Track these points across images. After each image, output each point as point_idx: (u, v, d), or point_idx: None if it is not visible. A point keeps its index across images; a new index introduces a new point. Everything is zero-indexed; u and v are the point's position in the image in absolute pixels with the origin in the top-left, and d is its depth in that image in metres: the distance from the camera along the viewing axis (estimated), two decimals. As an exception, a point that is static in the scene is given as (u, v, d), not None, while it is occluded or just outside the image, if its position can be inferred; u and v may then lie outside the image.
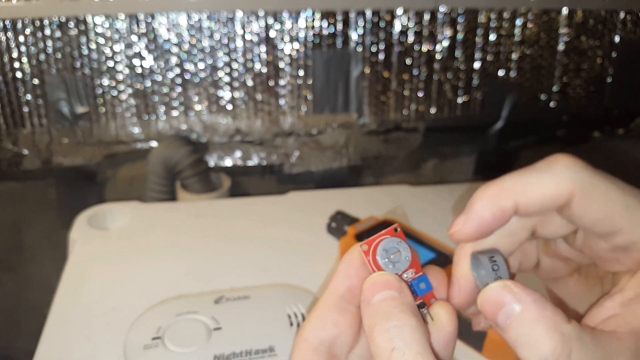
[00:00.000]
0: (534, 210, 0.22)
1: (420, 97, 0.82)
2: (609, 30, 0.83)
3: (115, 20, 0.71)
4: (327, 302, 0.24)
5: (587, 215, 0.21)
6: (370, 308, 0.21)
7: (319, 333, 0.23)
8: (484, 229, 0.22)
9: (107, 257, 0.56)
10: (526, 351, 0.20)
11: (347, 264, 0.24)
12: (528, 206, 0.21)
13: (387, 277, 0.22)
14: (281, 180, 0.85)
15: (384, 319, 0.21)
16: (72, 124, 0.75)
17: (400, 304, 0.21)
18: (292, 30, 0.75)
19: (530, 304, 0.20)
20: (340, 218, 0.58)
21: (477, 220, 0.22)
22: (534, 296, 0.20)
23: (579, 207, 0.21)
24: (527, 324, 0.20)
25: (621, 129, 0.91)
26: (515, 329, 0.20)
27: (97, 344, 0.44)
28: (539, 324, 0.19)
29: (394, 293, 0.21)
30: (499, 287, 0.20)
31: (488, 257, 0.22)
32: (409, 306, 0.21)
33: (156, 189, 0.77)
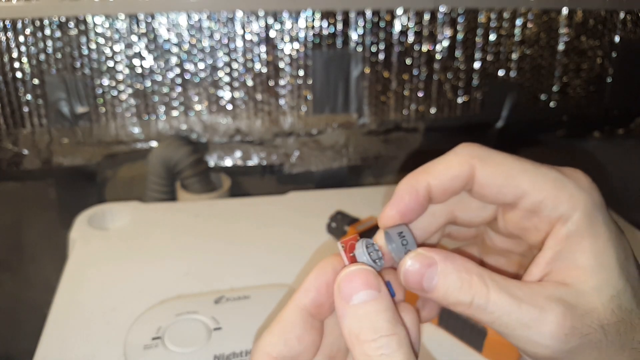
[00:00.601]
0: (444, 187, 0.24)
1: (420, 97, 0.82)
2: (609, 30, 0.83)
3: (115, 20, 0.71)
4: (292, 315, 0.24)
5: (490, 181, 0.23)
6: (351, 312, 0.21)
7: (282, 349, 0.23)
8: (406, 211, 0.24)
9: (107, 257, 0.56)
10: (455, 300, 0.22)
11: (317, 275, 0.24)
12: (439, 183, 0.24)
13: (365, 272, 0.22)
14: (281, 180, 0.85)
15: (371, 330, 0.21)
16: (72, 124, 0.75)
17: (384, 309, 0.21)
18: (292, 30, 0.75)
19: (443, 261, 0.22)
20: (340, 218, 0.58)
21: (398, 203, 0.24)
22: (443, 253, 0.22)
23: (481, 175, 0.23)
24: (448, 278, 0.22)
25: (621, 129, 0.91)
26: (440, 287, 0.22)
27: (97, 344, 0.44)
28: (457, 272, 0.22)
29: (374, 293, 0.22)
30: (413, 258, 0.22)
31: (397, 232, 0.24)
32: (391, 312, 0.22)
33: (156, 189, 0.77)
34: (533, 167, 0.23)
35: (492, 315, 0.22)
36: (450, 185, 0.24)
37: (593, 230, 0.22)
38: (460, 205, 0.26)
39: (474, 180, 0.24)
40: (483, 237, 0.29)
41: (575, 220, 0.22)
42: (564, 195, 0.23)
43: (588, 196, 0.23)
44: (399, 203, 0.24)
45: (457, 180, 0.24)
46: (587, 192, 0.23)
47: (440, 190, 0.24)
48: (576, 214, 0.22)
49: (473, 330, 0.43)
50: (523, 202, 0.23)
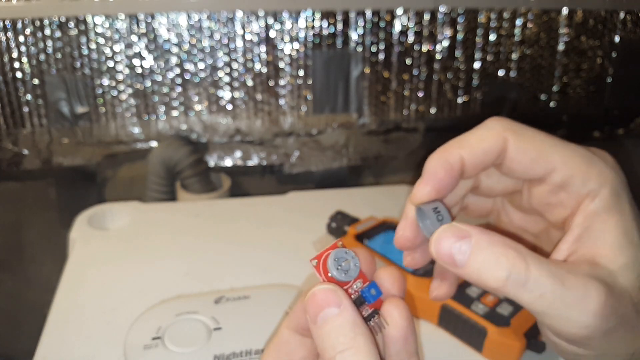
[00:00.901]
0: (477, 160, 0.24)
1: (420, 97, 0.82)
2: (609, 30, 0.83)
3: (115, 20, 0.71)
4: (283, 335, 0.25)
5: (522, 155, 0.23)
6: (317, 331, 0.22)
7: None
8: (440, 186, 0.24)
9: (107, 257, 0.56)
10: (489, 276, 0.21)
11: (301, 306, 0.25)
12: (472, 156, 0.24)
13: (325, 291, 0.22)
14: (281, 180, 0.85)
15: (330, 347, 0.21)
16: (72, 124, 0.75)
17: (342, 324, 0.22)
18: (292, 30, 0.75)
19: (479, 234, 0.21)
20: (340, 218, 0.58)
21: (433, 179, 0.23)
22: (479, 228, 0.21)
23: (513, 149, 0.23)
24: (483, 252, 0.21)
25: (621, 129, 0.91)
26: (474, 261, 0.21)
27: (97, 344, 0.44)
28: (493, 247, 0.21)
29: (333, 310, 0.22)
30: (446, 229, 0.21)
31: (432, 208, 0.24)
32: (350, 325, 0.22)
33: (156, 189, 0.77)
34: (563, 144, 0.23)
35: (532, 293, 0.20)
36: (484, 159, 0.24)
37: (620, 208, 0.22)
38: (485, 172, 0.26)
39: (506, 154, 0.23)
40: (499, 213, 0.28)
41: (603, 196, 0.22)
42: (593, 172, 0.23)
43: (615, 174, 0.23)
44: (434, 178, 0.24)
45: (490, 154, 0.24)
46: (614, 170, 0.23)
47: (473, 164, 0.24)
48: (604, 191, 0.22)
49: (473, 330, 0.43)
50: (553, 177, 0.23)
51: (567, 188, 0.23)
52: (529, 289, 0.20)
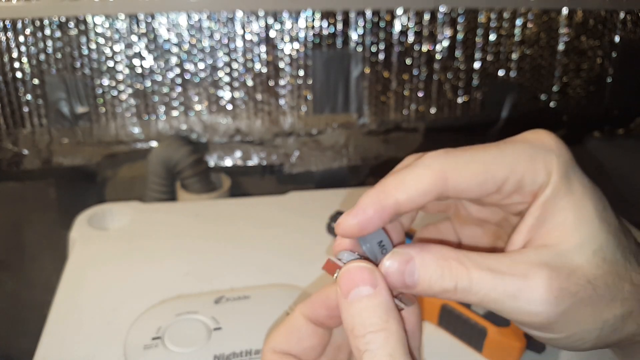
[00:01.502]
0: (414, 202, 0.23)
1: (420, 97, 0.82)
2: (609, 30, 0.83)
3: (115, 20, 0.71)
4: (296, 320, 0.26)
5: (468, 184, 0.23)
6: (347, 307, 0.22)
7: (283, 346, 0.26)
8: (367, 224, 0.23)
9: (107, 258, 0.56)
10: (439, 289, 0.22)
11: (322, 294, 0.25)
12: (408, 200, 0.23)
13: (362, 269, 0.23)
14: (281, 180, 0.85)
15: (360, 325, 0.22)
16: (72, 124, 0.75)
17: (377, 305, 0.22)
18: (292, 30, 0.75)
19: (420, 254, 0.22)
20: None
21: (361, 216, 0.23)
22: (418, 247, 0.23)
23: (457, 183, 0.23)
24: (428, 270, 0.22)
25: (621, 129, 0.91)
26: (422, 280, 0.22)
27: (97, 344, 0.44)
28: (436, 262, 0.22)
29: (368, 290, 0.22)
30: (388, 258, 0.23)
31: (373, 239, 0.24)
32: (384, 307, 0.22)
33: (156, 189, 0.77)
34: (501, 150, 0.23)
35: (478, 294, 0.22)
36: (421, 201, 0.23)
37: (569, 190, 0.23)
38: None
39: (449, 187, 0.23)
40: (458, 208, 0.29)
41: (552, 184, 0.23)
42: (539, 166, 0.23)
43: (559, 158, 0.23)
44: (361, 215, 0.23)
45: (428, 195, 0.23)
46: (557, 154, 0.23)
47: (409, 205, 0.23)
48: (553, 178, 0.23)
49: (473, 330, 0.43)
50: (504, 188, 0.23)
51: (520, 190, 0.23)
52: (474, 291, 0.22)
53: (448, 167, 0.23)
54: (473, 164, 0.23)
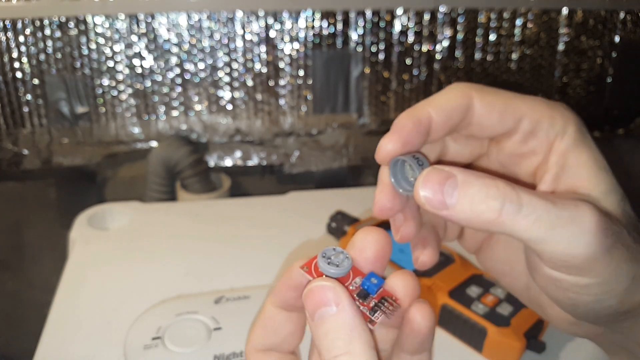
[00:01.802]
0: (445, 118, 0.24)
1: (420, 97, 0.82)
2: (609, 30, 0.83)
3: (115, 20, 0.71)
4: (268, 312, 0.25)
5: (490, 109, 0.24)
6: (314, 329, 0.22)
7: (263, 342, 0.25)
8: (407, 139, 0.24)
9: (107, 257, 0.56)
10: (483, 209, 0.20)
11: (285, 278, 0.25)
12: (440, 113, 0.24)
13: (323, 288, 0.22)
14: (281, 180, 0.85)
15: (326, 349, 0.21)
16: (72, 124, 0.75)
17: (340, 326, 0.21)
18: (292, 30, 0.75)
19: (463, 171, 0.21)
20: (340, 218, 0.58)
21: (400, 131, 0.24)
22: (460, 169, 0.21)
23: (480, 105, 0.24)
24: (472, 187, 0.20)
25: (621, 129, 0.91)
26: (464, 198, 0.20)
27: (97, 344, 0.44)
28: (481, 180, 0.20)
29: (331, 309, 0.21)
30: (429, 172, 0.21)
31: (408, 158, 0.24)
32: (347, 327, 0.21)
33: (156, 189, 0.77)
34: (524, 95, 0.24)
35: (528, 218, 0.20)
36: (451, 116, 0.24)
37: (587, 142, 0.24)
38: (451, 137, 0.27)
39: (474, 111, 0.24)
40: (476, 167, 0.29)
41: (570, 134, 0.23)
42: (557, 113, 0.24)
43: (574, 114, 0.24)
44: (401, 131, 0.23)
45: (457, 110, 0.24)
46: (572, 112, 0.24)
47: (441, 122, 0.24)
48: (570, 128, 0.23)
49: (473, 330, 0.43)
50: (522, 125, 0.24)
51: (536, 133, 0.24)
52: (524, 214, 0.20)
53: (473, 90, 0.24)
54: (497, 94, 0.24)
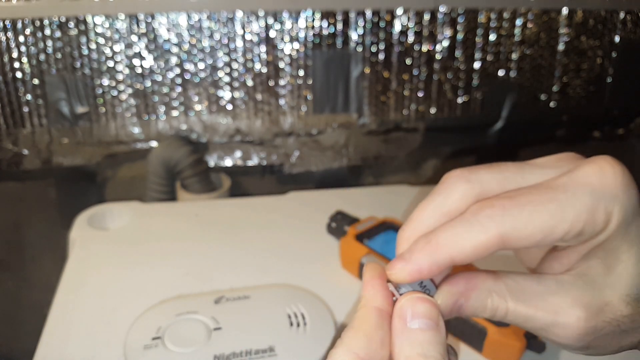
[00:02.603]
0: (470, 259, 0.23)
1: (420, 97, 0.82)
2: (609, 30, 0.83)
3: (115, 20, 0.71)
4: (371, 317, 0.23)
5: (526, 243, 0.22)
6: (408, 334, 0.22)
7: (368, 350, 0.22)
8: (418, 276, 0.23)
9: (107, 257, 0.56)
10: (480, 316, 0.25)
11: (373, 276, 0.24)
12: (463, 259, 0.23)
13: (429, 303, 0.22)
14: (281, 180, 0.85)
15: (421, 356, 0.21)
16: (72, 124, 0.75)
17: (438, 342, 0.21)
18: (292, 30, 0.75)
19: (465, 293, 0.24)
20: (340, 218, 0.58)
21: (415, 270, 0.23)
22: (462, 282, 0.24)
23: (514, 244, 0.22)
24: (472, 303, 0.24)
25: (621, 129, 0.91)
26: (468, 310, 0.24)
27: (97, 344, 0.44)
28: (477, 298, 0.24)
29: (432, 324, 0.22)
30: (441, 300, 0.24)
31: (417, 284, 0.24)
32: (443, 346, 0.22)
33: (156, 189, 0.77)
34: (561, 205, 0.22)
35: (514, 322, 0.24)
36: (475, 258, 0.23)
37: (623, 236, 0.23)
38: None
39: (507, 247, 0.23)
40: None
41: (607, 231, 0.23)
42: (599, 216, 0.22)
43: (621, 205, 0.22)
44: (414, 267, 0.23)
45: (484, 254, 0.23)
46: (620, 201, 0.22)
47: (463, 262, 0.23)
48: (610, 226, 0.22)
49: (473, 330, 0.43)
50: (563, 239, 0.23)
51: (577, 239, 0.23)
52: (509, 319, 0.24)
53: (506, 231, 0.22)
54: (533, 222, 0.22)
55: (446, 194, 0.24)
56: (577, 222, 0.22)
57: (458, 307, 0.24)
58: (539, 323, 0.24)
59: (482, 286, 0.24)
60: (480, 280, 0.24)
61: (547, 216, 0.22)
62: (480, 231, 0.22)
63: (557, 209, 0.22)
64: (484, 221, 0.22)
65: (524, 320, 0.24)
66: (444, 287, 0.24)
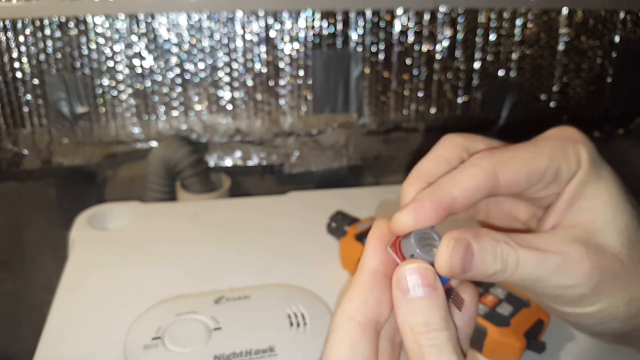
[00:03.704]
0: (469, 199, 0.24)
1: (420, 97, 0.82)
2: (609, 30, 0.83)
3: (115, 20, 0.71)
4: (366, 279, 0.24)
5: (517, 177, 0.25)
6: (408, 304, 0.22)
7: (366, 311, 0.23)
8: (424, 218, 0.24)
9: (107, 257, 0.56)
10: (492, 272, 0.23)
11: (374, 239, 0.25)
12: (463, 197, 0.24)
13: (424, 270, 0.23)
14: (281, 180, 0.85)
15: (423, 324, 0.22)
16: (72, 124, 0.75)
17: (438, 306, 0.22)
18: (292, 30, 0.75)
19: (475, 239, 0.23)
20: (340, 218, 0.58)
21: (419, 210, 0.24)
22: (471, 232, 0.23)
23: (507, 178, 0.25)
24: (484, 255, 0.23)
25: (621, 129, 0.91)
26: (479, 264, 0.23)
27: (97, 344, 0.44)
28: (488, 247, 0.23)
29: (430, 290, 0.22)
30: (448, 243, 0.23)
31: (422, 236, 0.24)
32: (444, 310, 0.23)
33: (156, 189, 0.77)
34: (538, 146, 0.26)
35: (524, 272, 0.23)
36: (475, 197, 0.24)
37: (597, 175, 0.25)
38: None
39: (500, 184, 0.24)
40: (489, 209, 0.30)
41: (582, 170, 0.25)
42: (571, 155, 0.25)
43: (586, 147, 0.26)
44: (418, 208, 0.23)
45: (482, 191, 0.24)
46: (584, 144, 0.26)
47: (465, 202, 0.24)
48: (582, 165, 0.25)
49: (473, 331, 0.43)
50: (546, 177, 0.25)
51: (557, 179, 0.25)
52: (521, 269, 0.23)
53: (496, 164, 0.24)
54: (517, 159, 0.25)
55: (441, 144, 0.27)
56: (553, 159, 0.25)
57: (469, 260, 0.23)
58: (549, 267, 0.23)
59: (488, 235, 0.23)
60: (486, 231, 0.24)
61: (529, 154, 0.25)
62: (475, 167, 0.24)
63: (536, 149, 0.25)
64: (476, 161, 0.25)
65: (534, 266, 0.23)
66: (452, 233, 0.23)
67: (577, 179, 0.25)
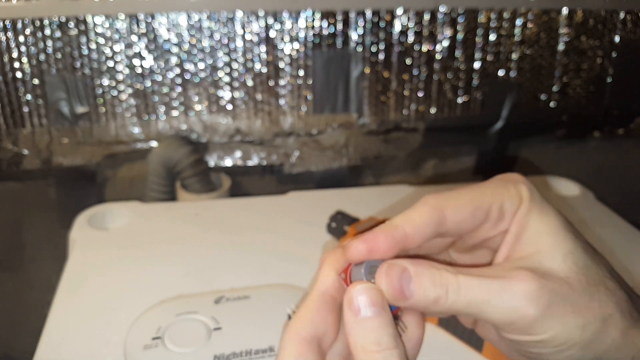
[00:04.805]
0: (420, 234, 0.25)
1: (420, 97, 0.82)
2: (609, 30, 0.83)
3: (115, 20, 0.71)
4: (315, 299, 0.26)
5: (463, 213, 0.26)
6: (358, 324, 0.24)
7: (311, 328, 0.25)
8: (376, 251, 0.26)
9: (107, 257, 0.56)
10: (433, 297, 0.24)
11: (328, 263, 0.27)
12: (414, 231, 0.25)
13: (373, 291, 0.24)
14: (281, 180, 0.85)
15: (374, 343, 0.23)
16: (72, 124, 0.75)
17: (387, 325, 0.24)
18: (292, 30, 0.75)
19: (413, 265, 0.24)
20: (340, 218, 0.58)
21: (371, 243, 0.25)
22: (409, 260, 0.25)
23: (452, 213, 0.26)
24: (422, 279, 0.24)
25: (621, 129, 0.91)
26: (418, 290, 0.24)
27: (97, 344, 0.44)
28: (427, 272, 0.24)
29: (379, 310, 0.24)
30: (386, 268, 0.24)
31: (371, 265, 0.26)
32: (393, 328, 0.24)
33: (156, 189, 0.77)
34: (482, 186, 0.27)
35: (467, 297, 0.24)
36: (425, 232, 0.26)
37: (537, 208, 0.26)
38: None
39: (447, 220, 0.26)
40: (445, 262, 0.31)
41: (524, 205, 0.26)
42: (513, 192, 0.27)
43: (526, 185, 0.27)
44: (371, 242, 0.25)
45: (430, 226, 0.26)
46: (524, 183, 0.27)
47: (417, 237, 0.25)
48: (524, 200, 0.26)
49: (473, 330, 0.43)
50: (491, 214, 0.26)
51: (502, 216, 0.26)
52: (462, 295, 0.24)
53: (443, 202, 0.26)
54: (462, 197, 0.26)
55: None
56: (495, 196, 0.26)
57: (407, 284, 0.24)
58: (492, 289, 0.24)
59: (427, 263, 0.25)
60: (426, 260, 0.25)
61: (473, 193, 0.27)
62: (423, 205, 0.26)
63: (480, 188, 0.27)
64: (424, 200, 0.26)
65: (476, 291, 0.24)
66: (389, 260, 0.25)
67: (520, 213, 0.26)
